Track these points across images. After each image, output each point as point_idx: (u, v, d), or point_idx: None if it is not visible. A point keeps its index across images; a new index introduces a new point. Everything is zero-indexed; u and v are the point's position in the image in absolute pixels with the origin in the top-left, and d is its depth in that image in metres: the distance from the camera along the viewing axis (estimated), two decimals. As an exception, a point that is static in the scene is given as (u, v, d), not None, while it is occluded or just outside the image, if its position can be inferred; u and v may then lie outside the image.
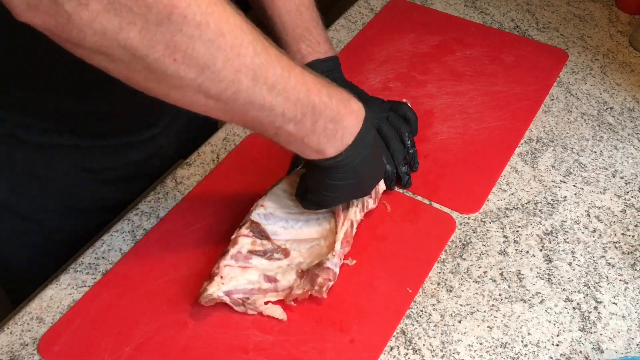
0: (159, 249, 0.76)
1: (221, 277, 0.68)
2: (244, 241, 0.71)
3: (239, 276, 0.69)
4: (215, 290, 0.67)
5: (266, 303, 0.69)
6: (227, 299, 0.68)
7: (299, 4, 0.81)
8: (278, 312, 0.69)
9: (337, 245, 0.70)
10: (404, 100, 0.87)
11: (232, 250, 0.70)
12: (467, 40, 1.05)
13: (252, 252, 0.71)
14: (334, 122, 0.60)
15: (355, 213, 0.74)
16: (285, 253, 0.72)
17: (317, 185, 0.67)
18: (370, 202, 0.78)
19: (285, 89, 0.55)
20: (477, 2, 1.13)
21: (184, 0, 0.46)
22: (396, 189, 0.82)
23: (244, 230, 0.72)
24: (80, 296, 0.72)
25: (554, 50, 1.04)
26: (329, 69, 0.83)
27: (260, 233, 0.72)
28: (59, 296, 0.72)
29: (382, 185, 0.79)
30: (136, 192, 0.88)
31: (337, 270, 0.70)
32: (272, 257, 0.71)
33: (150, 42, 0.47)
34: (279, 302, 0.70)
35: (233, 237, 0.72)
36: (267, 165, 0.85)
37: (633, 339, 0.69)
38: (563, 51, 1.04)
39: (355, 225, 0.74)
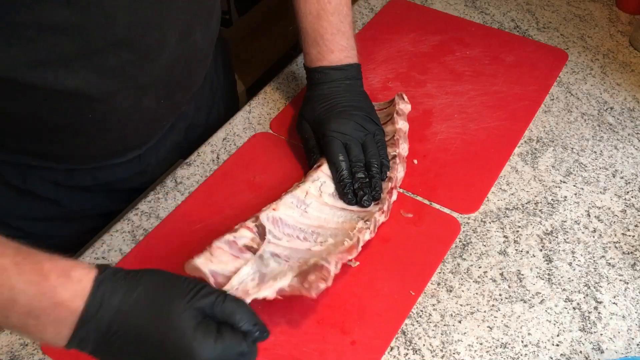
0: (160, 250, 0.76)
1: (211, 253, 0.67)
2: (245, 234, 0.70)
3: (230, 263, 0.68)
4: (203, 263, 0.66)
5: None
6: (211, 280, 0.66)
7: (319, 9, 0.84)
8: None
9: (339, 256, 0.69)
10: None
11: (229, 237, 0.69)
12: (467, 40, 1.05)
13: (247, 247, 0.70)
14: (33, 318, 0.52)
15: (364, 234, 0.73)
16: (281, 258, 0.70)
17: None
18: (382, 217, 0.77)
19: None
20: (477, 2, 1.13)
21: None
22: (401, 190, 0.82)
23: (249, 224, 0.71)
24: (79, 296, 0.72)
25: (554, 50, 1.04)
26: (332, 79, 0.84)
27: (263, 235, 0.71)
28: (58, 296, 0.72)
29: (394, 196, 0.79)
30: (126, 200, 0.87)
31: (332, 273, 0.67)
32: (264, 259, 0.70)
33: None
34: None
35: (237, 226, 0.71)
36: (269, 166, 0.85)
37: (633, 339, 0.69)
38: (563, 51, 1.03)
39: (360, 245, 0.73)
